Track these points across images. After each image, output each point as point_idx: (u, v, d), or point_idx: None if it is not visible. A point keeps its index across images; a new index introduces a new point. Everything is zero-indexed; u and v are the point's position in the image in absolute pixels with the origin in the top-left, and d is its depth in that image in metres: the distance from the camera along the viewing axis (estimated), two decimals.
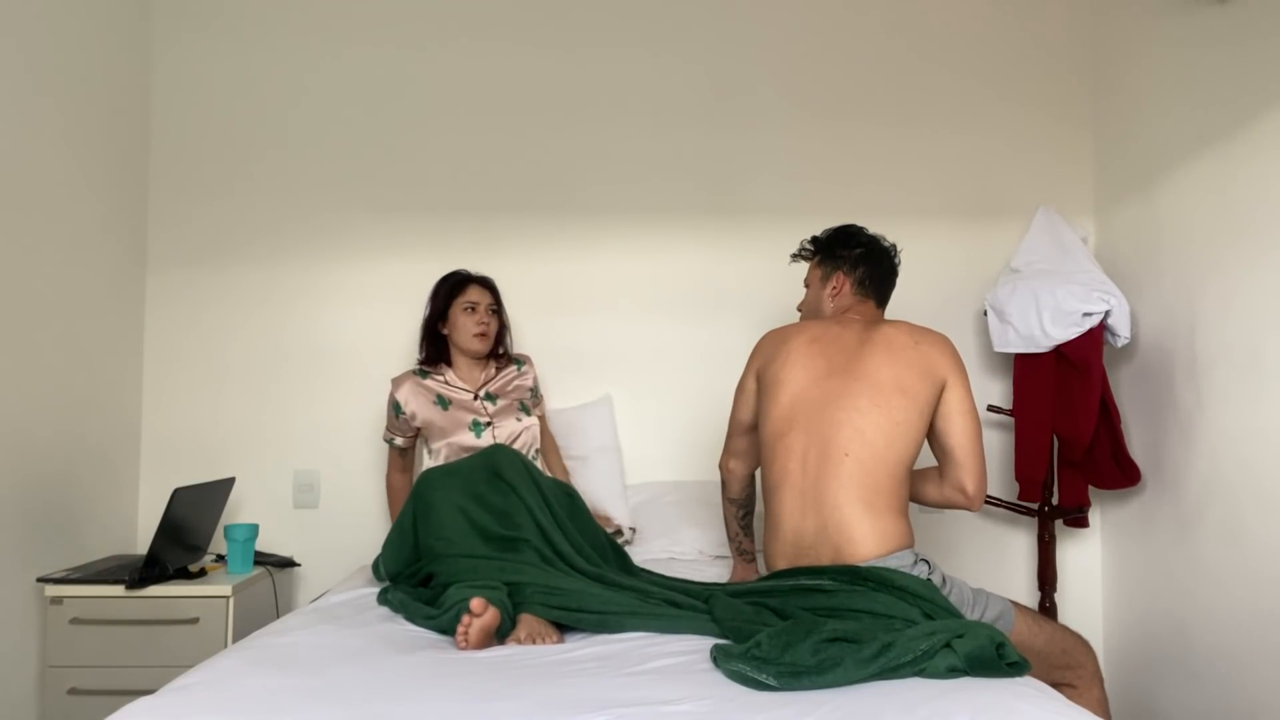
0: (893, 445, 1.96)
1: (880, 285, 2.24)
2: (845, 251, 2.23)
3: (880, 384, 1.99)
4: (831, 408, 2.00)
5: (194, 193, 3.01)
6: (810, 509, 1.96)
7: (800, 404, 2.04)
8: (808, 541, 1.96)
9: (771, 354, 2.15)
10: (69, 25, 2.58)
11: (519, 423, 2.62)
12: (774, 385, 2.09)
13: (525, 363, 2.78)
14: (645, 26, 3.07)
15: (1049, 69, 3.07)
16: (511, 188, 3.04)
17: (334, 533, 2.94)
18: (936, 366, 2.02)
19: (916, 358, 2.02)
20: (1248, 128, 2.24)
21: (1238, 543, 2.27)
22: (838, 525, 1.93)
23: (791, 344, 2.12)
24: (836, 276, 2.23)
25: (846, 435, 1.96)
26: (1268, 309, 2.17)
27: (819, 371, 2.06)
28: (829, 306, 2.24)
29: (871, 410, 1.97)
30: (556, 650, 1.71)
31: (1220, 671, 2.32)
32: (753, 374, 2.20)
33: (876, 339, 2.07)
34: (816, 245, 2.29)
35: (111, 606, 2.37)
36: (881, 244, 2.25)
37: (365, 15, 3.05)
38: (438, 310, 2.67)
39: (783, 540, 2.00)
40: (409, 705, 1.38)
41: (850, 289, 2.22)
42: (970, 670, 1.48)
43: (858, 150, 3.05)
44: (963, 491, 2.02)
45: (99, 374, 2.73)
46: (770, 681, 1.45)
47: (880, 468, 1.95)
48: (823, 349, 2.08)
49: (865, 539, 1.91)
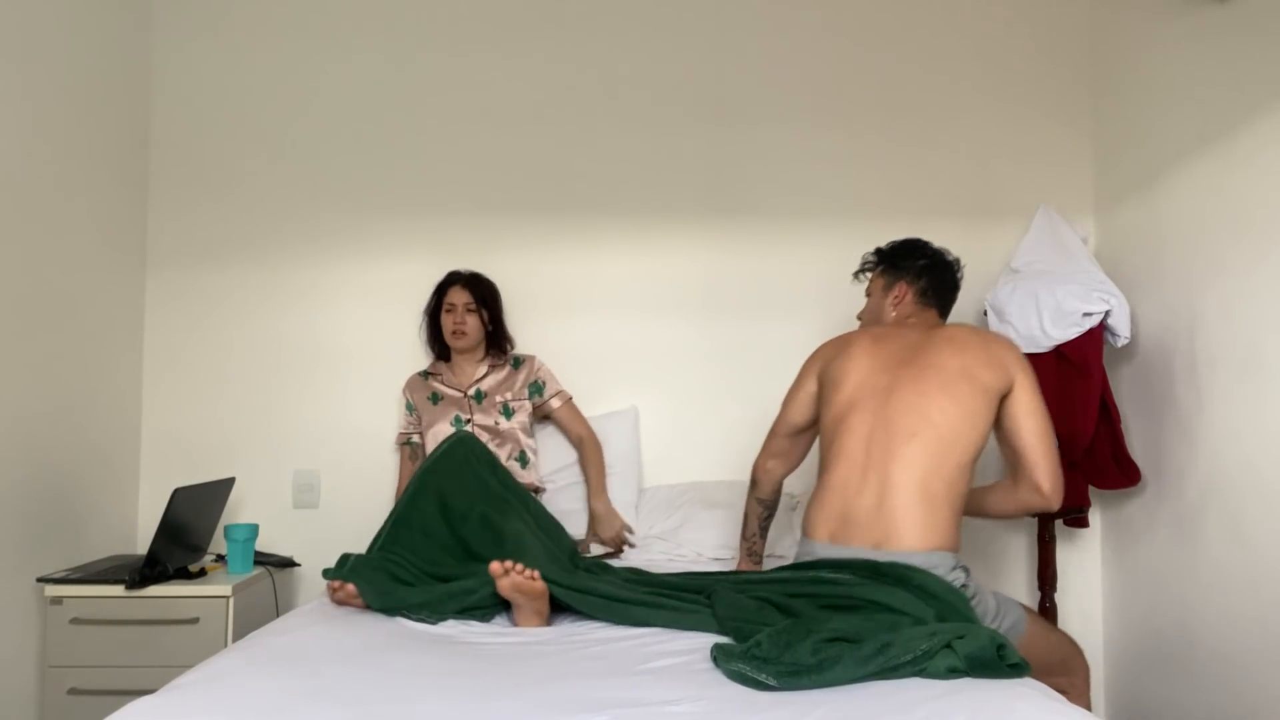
0: (959, 434, 1.95)
1: (943, 297, 2.25)
2: (909, 263, 2.25)
3: (948, 372, 1.99)
4: (899, 392, 2.00)
5: (194, 193, 3.01)
6: (869, 486, 1.95)
7: (865, 389, 2.04)
8: (858, 517, 1.94)
9: (833, 355, 2.16)
10: (69, 26, 2.58)
11: (495, 425, 2.72)
12: (838, 378, 2.10)
13: (524, 362, 2.81)
14: (646, 27, 3.07)
15: (1049, 69, 3.07)
16: (511, 188, 3.04)
17: (334, 533, 2.93)
18: (1005, 363, 2.03)
19: (984, 353, 2.03)
20: (1248, 128, 2.24)
21: (1238, 542, 2.27)
22: (892, 508, 1.92)
23: (854, 343, 2.14)
24: (899, 286, 2.24)
25: (913, 419, 1.96)
26: (1268, 309, 2.16)
27: (885, 361, 2.06)
28: (890, 315, 2.24)
29: (939, 395, 1.97)
30: (556, 651, 1.71)
31: (1220, 671, 2.32)
32: (813, 376, 2.20)
33: (942, 335, 2.08)
34: (880, 256, 2.31)
35: (111, 606, 2.37)
36: (945, 257, 2.27)
37: (366, 16, 3.05)
38: (432, 311, 2.84)
39: (830, 511, 1.98)
40: (409, 705, 1.38)
41: (912, 299, 2.23)
42: (970, 671, 1.48)
43: (858, 150, 3.05)
44: (1039, 491, 2.01)
45: (99, 374, 2.73)
46: (770, 681, 1.45)
47: (945, 454, 1.94)
48: (887, 344, 2.09)
49: (914, 529, 1.90)
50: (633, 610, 1.85)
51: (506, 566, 1.86)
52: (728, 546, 2.64)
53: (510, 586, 1.87)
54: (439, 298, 2.81)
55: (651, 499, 2.86)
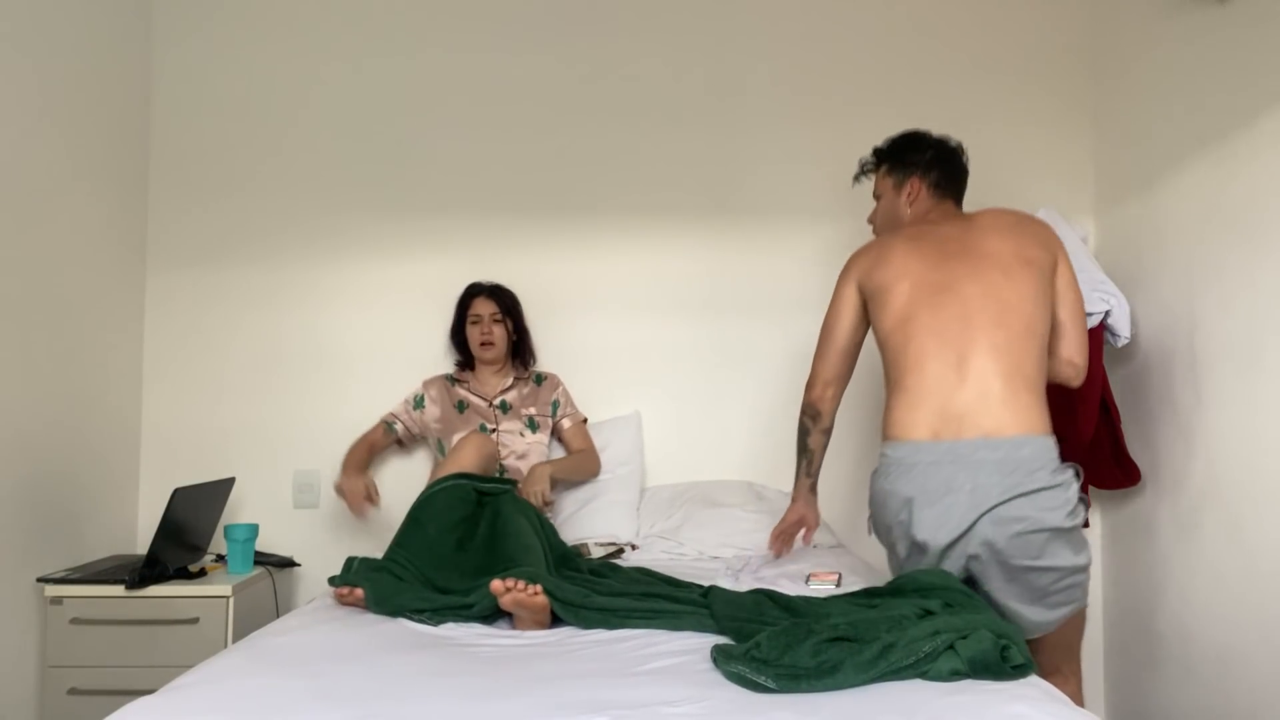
0: (1035, 316, 1.97)
1: (957, 185, 2.21)
2: (916, 156, 2.21)
3: (1005, 258, 1.98)
4: (965, 285, 1.97)
5: (194, 193, 3.01)
6: (968, 380, 1.94)
7: (924, 288, 2.00)
8: (961, 411, 1.93)
9: (871, 263, 2.10)
10: (69, 25, 2.57)
11: (521, 438, 2.73)
12: (886, 283, 2.04)
13: (546, 379, 2.85)
14: (646, 27, 3.07)
15: (1049, 69, 3.07)
16: (512, 189, 3.04)
17: (334, 533, 2.94)
18: (1048, 241, 2.04)
19: (1028, 234, 2.02)
20: (1248, 128, 2.24)
21: (1237, 542, 2.26)
22: (998, 398, 1.92)
23: (892, 247, 2.08)
24: (911, 182, 2.20)
25: (992, 309, 1.95)
26: (1268, 309, 2.16)
27: (932, 258, 2.02)
28: (906, 213, 2.19)
29: (1006, 282, 1.96)
30: (555, 651, 1.71)
31: (1220, 671, 2.32)
32: (852, 284, 2.13)
33: (978, 223, 2.05)
34: (883, 155, 2.26)
35: (111, 606, 2.37)
36: (950, 144, 2.23)
37: (366, 16, 3.05)
38: (456, 322, 2.85)
39: (927, 409, 1.96)
40: (409, 705, 1.38)
41: (927, 192, 2.18)
42: (973, 674, 1.47)
43: (859, 150, 3.04)
44: (1072, 363, 2.06)
45: (99, 374, 2.73)
46: (769, 684, 1.45)
47: (1030, 338, 1.96)
48: (926, 241, 2.05)
49: (1023, 413, 1.92)
50: (631, 621, 1.85)
51: (508, 585, 1.83)
52: (729, 545, 2.64)
53: (513, 603, 1.85)
54: (463, 311, 2.83)
55: (653, 498, 2.87)
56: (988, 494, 1.90)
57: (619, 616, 1.85)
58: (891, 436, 2.02)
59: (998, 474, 1.90)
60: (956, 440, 1.93)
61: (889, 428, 2.03)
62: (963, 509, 1.91)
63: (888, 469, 2.02)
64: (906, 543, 1.99)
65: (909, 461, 1.97)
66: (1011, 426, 1.92)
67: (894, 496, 1.99)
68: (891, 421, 2.02)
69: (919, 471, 1.95)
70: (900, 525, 1.99)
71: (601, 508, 2.76)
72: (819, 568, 2.34)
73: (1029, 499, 1.90)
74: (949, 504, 1.92)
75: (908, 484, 1.96)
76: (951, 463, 1.92)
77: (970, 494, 1.90)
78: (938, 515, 1.93)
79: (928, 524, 1.93)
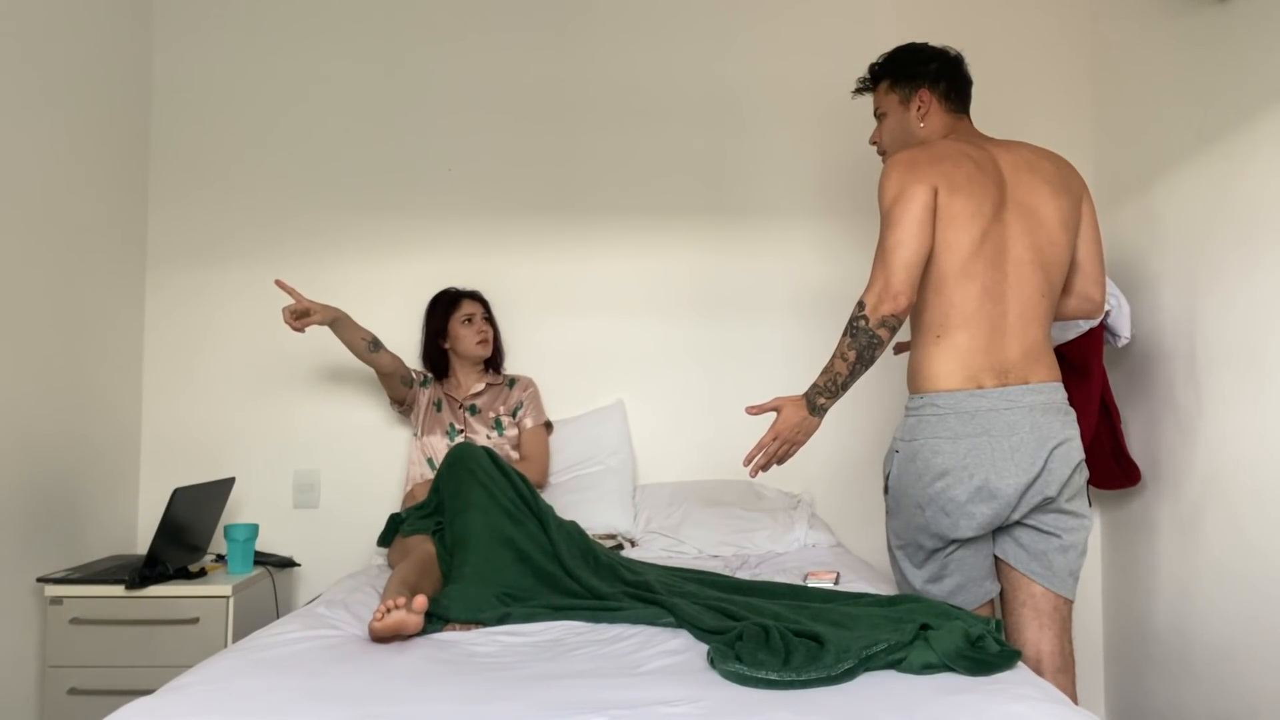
0: (1060, 279, 2.00)
1: (966, 97, 2.14)
2: (921, 68, 2.10)
3: (1051, 225, 1.96)
4: (1014, 244, 1.94)
5: (194, 192, 3.01)
6: (1006, 339, 1.92)
7: (990, 239, 1.92)
8: (1004, 367, 1.93)
9: (940, 180, 1.91)
10: (69, 25, 2.58)
11: (488, 440, 2.77)
12: (955, 218, 1.90)
13: (518, 382, 2.88)
14: (646, 27, 3.07)
15: (1049, 69, 3.07)
16: (511, 189, 3.04)
17: (334, 533, 2.94)
18: (1078, 187, 2.04)
19: (1064, 184, 2.01)
20: (1248, 128, 2.24)
21: (1238, 542, 2.26)
22: (1027, 353, 1.93)
23: (954, 171, 1.92)
24: (921, 94, 2.09)
25: (1039, 276, 1.94)
26: (1268, 309, 2.16)
27: (995, 203, 1.94)
28: (919, 129, 2.09)
29: (1050, 249, 1.96)
30: (554, 651, 1.71)
31: (1220, 671, 2.32)
32: (930, 191, 1.89)
33: (1013, 161, 1.99)
34: (883, 68, 2.15)
35: (111, 606, 2.37)
36: (951, 53, 2.14)
37: (365, 15, 3.05)
38: (436, 327, 2.84)
39: (978, 366, 1.91)
40: (408, 705, 1.38)
41: (939, 105, 2.09)
42: (948, 666, 1.51)
43: (859, 150, 3.05)
44: (1090, 299, 2.08)
45: (99, 374, 2.73)
46: (770, 676, 1.46)
47: (1053, 299, 1.99)
48: (982, 179, 1.93)
49: (1041, 367, 1.95)
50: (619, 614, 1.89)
51: (389, 605, 1.75)
52: (728, 543, 2.64)
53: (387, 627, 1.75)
54: (448, 314, 2.82)
55: (652, 496, 2.87)
56: (1050, 430, 1.91)
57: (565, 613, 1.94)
58: (937, 387, 1.93)
59: (1047, 414, 1.92)
60: (1005, 387, 1.91)
61: (934, 379, 1.93)
62: (1031, 446, 1.89)
63: (935, 421, 1.91)
64: (946, 503, 1.90)
65: (966, 409, 1.89)
66: (1047, 375, 1.97)
67: (947, 445, 1.89)
68: (934, 373, 1.93)
69: (981, 417, 1.89)
70: (952, 478, 1.89)
71: (596, 499, 2.76)
72: (817, 567, 2.34)
73: (1072, 441, 1.96)
74: (1015, 443, 1.88)
75: (971, 427, 1.88)
76: (1006, 408, 1.89)
77: (1032, 432, 1.90)
78: (1006, 455, 1.88)
79: (1000, 466, 1.87)
